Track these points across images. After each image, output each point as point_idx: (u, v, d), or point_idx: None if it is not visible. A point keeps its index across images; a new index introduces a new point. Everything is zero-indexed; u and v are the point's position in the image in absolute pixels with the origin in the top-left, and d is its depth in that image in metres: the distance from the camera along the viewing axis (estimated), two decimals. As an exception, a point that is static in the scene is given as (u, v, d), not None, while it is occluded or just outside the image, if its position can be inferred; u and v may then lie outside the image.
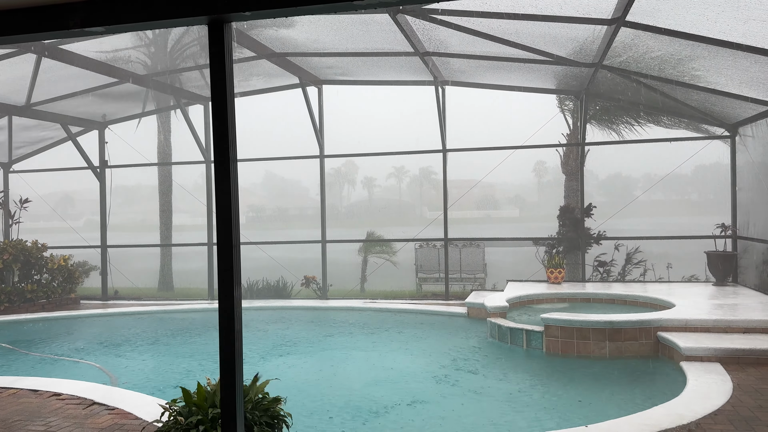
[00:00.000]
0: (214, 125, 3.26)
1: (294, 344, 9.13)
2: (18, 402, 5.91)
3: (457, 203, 13.98)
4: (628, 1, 6.77)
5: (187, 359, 8.50)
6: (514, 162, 13.04)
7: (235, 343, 3.29)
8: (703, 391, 5.76)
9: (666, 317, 7.70)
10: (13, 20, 3.23)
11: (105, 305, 12.74)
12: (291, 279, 13.30)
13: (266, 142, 16.30)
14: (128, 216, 65.30)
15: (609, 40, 8.24)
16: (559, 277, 11.54)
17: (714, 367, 6.53)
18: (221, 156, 3.27)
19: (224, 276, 3.27)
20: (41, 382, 6.59)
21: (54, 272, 12.51)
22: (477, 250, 13.26)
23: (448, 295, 12.69)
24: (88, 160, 13.80)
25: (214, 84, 3.26)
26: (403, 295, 13.05)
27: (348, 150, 14.09)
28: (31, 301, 12.07)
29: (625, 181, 59.17)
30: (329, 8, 2.99)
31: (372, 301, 12.11)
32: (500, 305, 9.20)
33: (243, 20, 3.08)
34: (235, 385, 3.27)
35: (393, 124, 35.68)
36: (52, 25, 3.19)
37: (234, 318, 3.28)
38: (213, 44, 3.24)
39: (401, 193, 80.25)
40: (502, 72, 11.23)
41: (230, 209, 3.27)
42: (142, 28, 3.36)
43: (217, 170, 3.29)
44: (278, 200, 79.00)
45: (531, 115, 13.30)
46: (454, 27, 8.73)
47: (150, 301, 13.35)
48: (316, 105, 13.17)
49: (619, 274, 11.97)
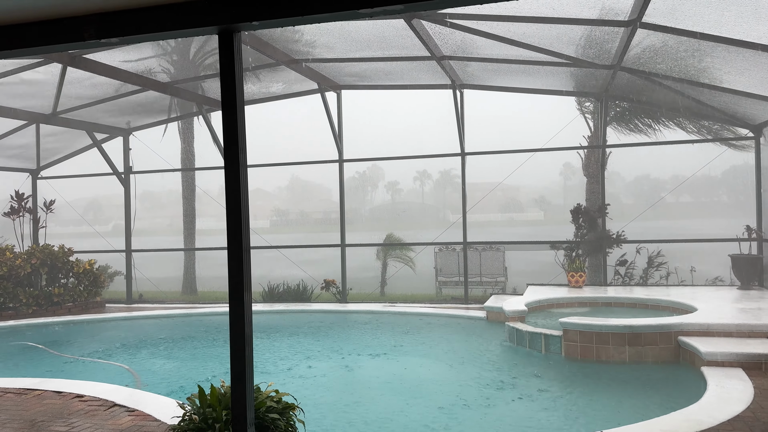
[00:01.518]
0: (225, 131, 3.33)
1: (312, 349, 9.19)
2: (42, 403, 6.06)
3: (480, 206, 13.94)
4: (644, 2, 6.71)
5: (209, 362, 8.62)
6: (538, 164, 12.98)
7: (246, 347, 3.35)
8: (724, 397, 5.67)
9: (687, 321, 7.58)
10: (31, 33, 3.34)
11: (129, 308, 12.97)
12: (311, 282, 13.39)
13: (290, 147, 16.49)
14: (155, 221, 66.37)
15: (626, 42, 8.17)
16: (580, 280, 11.43)
17: (735, 372, 6.42)
18: (231, 162, 3.33)
19: (235, 280, 3.33)
20: (65, 383, 6.75)
21: (80, 276, 12.79)
22: (497, 253, 13.20)
23: (467, 298, 12.65)
24: (113, 166, 14.08)
25: (224, 91, 3.33)
26: (423, 299, 13.05)
27: (369, 154, 14.17)
28: (58, 304, 12.35)
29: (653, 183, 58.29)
30: (334, 17, 3.04)
31: (391, 304, 12.14)
32: (519, 309, 9.15)
33: (252, 30, 3.16)
34: (245, 388, 3.33)
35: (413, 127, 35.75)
36: (68, 36, 3.30)
37: (244, 321, 3.34)
38: (223, 53, 3.32)
39: (424, 196, 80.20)
40: (520, 75, 11.19)
41: (240, 214, 3.33)
42: (155, 39, 3.45)
43: (227, 176, 3.35)
44: (302, 204, 79.55)
45: (551, 117, 13.23)
46: (471, 31, 8.74)
47: (173, 304, 13.55)
48: (335, 110, 13.27)
49: (641, 278, 11.82)
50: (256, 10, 3.03)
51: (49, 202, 13.70)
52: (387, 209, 74.58)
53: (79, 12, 3.24)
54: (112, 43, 3.29)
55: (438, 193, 79.12)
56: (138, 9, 3.15)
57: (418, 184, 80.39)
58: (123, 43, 3.36)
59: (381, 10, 2.86)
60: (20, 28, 3.36)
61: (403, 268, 14.10)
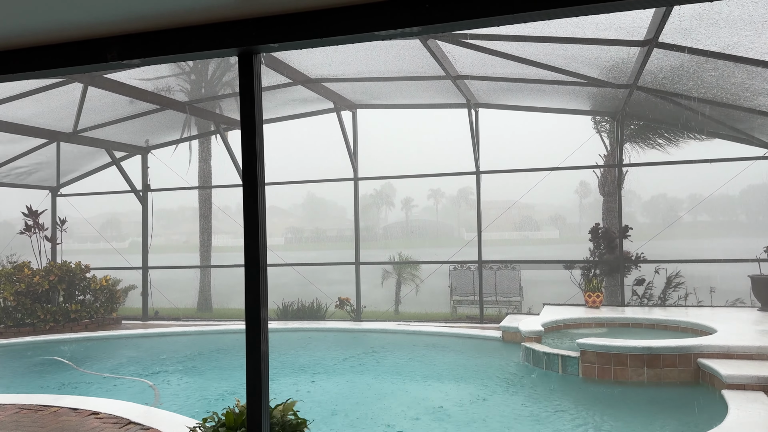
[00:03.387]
0: (244, 150, 3.36)
1: (327, 367, 9.16)
2: (58, 420, 6.09)
3: (496, 225, 13.91)
4: (660, 21, 6.71)
5: (224, 379, 8.62)
6: (554, 183, 12.93)
7: (261, 364, 3.35)
8: (745, 421, 5.55)
9: (707, 343, 7.46)
10: (56, 54, 3.41)
11: (145, 325, 13.03)
12: (325, 300, 13.39)
13: (306, 165, 16.63)
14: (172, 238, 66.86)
15: (643, 61, 8.16)
16: (597, 301, 11.31)
17: (757, 396, 6.29)
18: (250, 180, 3.36)
19: (251, 298, 3.33)
20: (81, 400, 6.78)
21: (96, 292, 12.89)
22: (512, 272, 13.12)
23: (482, 318, 12.56)
24: (131, 183, 14.25)
25: (243, 111, 3.37)
26: (438, 318, 12.97)
27: (384, 172, 14.22)
28: (75, 320, 12.44)
29: (671, 202, 57.73)
30: (352, 39, 3.07)
31: (406, 323, 12.08)
32: (535, 329, 9.07)
33: (271, 51, 3.20)
34: (261, 407, 3.32)
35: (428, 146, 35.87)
36: (91, 58, 3.36)
37: (260, 339, 3.35)
38: (243, 74, 3.36)
39: (438, 215, 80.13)
40: (535, 94, 11.21)
41: (258, 232, 3.35)
42: (176, 60, 3.51)
43: (245, 195, 3.38)
44: (317, 222, 79.83)
45: (567, 136, 13.21)
46: (486, 51, 8.78)
47: (189, 321, 13.60)
48: (350, 128, 13.36)
49: (659, 298, 11.67)
50: (276, 32, 3.07)
51: (62, 220, 13.87)
52: (401, 227, 74.56)
53: (102, 35, 3.31)
54: (134, 65, 3.35)
55: (452, 211, 79.04)
56: (159, 31, 3.21)
57: (432, 202, 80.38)
58: (144, 63, 3.41)
59: (399, 32, 2.89)
60: (45, 49, 3.44)
61: (417, 287, 14.05)
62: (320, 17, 2.84)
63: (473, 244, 13.02)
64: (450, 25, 2.96)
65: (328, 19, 2.89)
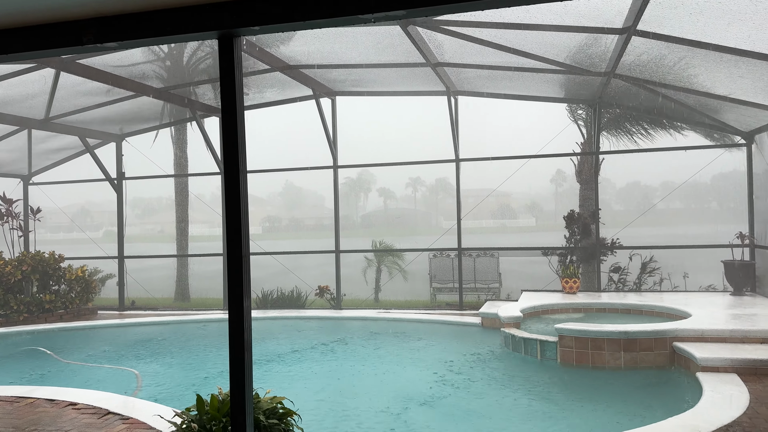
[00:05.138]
0: (224, 136, 3.31)
1: (307, 355, 9.15)
2: (34, 411, 5.99)
3: (474, 213, 13.96)
4: (639, 9, 6.76)
5: (203, 369, 8.56)
6: (531, 171, 13.01)
7: (245, 354, 3.32)
8: (719, 403, 5.68)
9: (681, 327, 7.61)
10: (29, 37, 3.32)
11: (122, 315, 12.87)
12: (305, 289, 13.35)
13: (285, 153, 16.48)
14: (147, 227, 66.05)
15: (621, 49, 8.23)
16: (574, 286, 11.46)
17: (731, 378, 6.44)
18: (231, 167, 3.31)
19: (234, 287, 3.30)
20: (58, 391, 6.67)
21: (72, 283, 12.68)
22: (491, 259, 13.22)
23: (462, 305, 12.65)
24: (105, 172, 14.00)
25: (224, 96, 3.31)
26: (418, 305, 13.03)
27: (363, 160, 14.17)
28: (50, 311, 12.24)
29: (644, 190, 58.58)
30: (335, 22, 3.03)
31: (386, 311, 12.11)
32: (514, 315, 9.16)
33: (252, 34, 3.15)
34: (244, 395, 3.30)
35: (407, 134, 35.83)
36: (67, 41, 3.27)
37: (244, 328, 3.32)
38: (223, 58, 3.30)
39: (417, 203, 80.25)
40: (514, 81, 11.24)
41: (240, 220, 3.31)
42: (155, 43, 3.43)
43: (227, 181, 3.33)
44: (295, 210, 79.43)
45: (545, 124, 13.29)
46: (466, 38, 8.77)
47: (166, 311, 13.46)
48: (330, 116, 13.27)
49: (634, 284, 11.86)
50: (257, 15, 3.02)
51: (36, 209, 13.58)
52: (380, 216, 74.53)
53: (78, 16, 3.22)
54: (111, 48, 3.27)
55: (431, 199, 79.18)
56: (138, 13, 3.13)
57: (411, 191, 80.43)
58: (122, 47, 3.34)
59: (383, 15, 2.86)
60: (17, 32, 3.34)
61: (397, 275, 14.08)
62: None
63: (452, 232, 13.08)
64: (434, 9, 2.94)
65: (310, 2, 2.85)
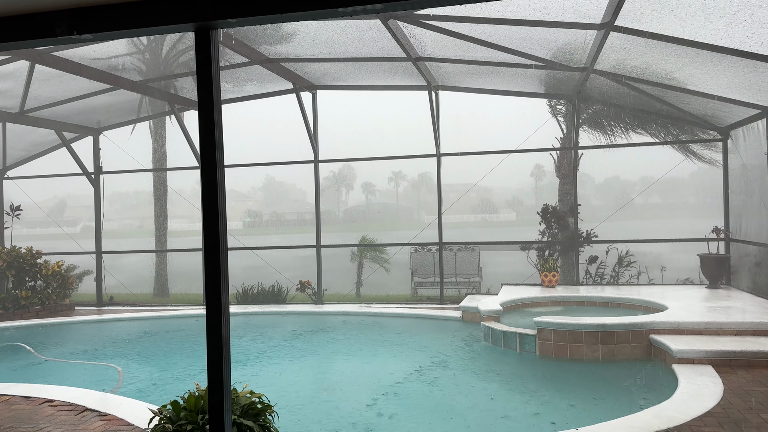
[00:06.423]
0: (201, 130, 3.28)
1: (287, 350, 9.13)
2: (10, 409, 5.90)
3: (455, 207, 14.01)
4: (617, 5, 6.81)
5: (182, 364, 8.50)
6: (511, 166, 13.07)
7: (223, 350, 3.30)
8: (694, 394, 5.78)
9: (658, 320, 7.72)
10: (0, 29, 3.25)
11: (100, 311, 12.72)
12: (286, 284, 13.30)
13: (265, 147, 16.35)
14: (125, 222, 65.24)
15: (599, 45, 8.29)
16: (553, 280, 11.56)
17: (705, 369, 6.55)
18: (208, 161, 3.28)
19: (211, 282, 3.27)
20: (33, 388, 6.59)
21: (48, 278, 12.50)
22: (472, 254, 13.28)
23: (443, 299, 12.70)
24: (82, 166, 13.80)
25: (201, 90, 3.27)
26: (399, 299, 13.06)
27: (345, 154, 14.13)
28: (26, 307, 12.05)
29: (623, 185, 59.21)
30: (313, 15, 3.02)
31: (367, 305, 12.12)
32: (494, 309, 9.22)
33: (229, 27, 3.11)
34: (222, 391, 3.28)
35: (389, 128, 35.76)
36: (40, 32, 3.21)
37: (221, 324, 3.29)
38: (200, 51, 3.27)
39: (399, 198, 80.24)
40: (494, 76, 11.28)
41: (217, 214, 3.28)
42: (130, 35, 3.38)
43: (204, 175, 3.30)
44: (276, 205, 78.99)
45: (525, 119, 13.35)
46: (446, 32, 8.77)
47: (145, 307, 13.34)
48: (310, 110, 13.21)
49: (612, 277, 12.00)
50: (234, 8, 2.99)
51: (15, 207, 13.31)
52: (361, 210, 74.43)
53: (50, 7, 3.16)
54: (86, 40, 3.22)
55: (412, 194, 79.23)
56: (113, 5, 3.08)
57: (393, 185, 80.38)
58: (97, 39, 3.29)
59: (361, 9, 2.84)
60: (-12, 23, 3.26)
61: (378, 270, 14.09)
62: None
63: (433, 226, 13.11)
64: (412, 2, 2.93)
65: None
